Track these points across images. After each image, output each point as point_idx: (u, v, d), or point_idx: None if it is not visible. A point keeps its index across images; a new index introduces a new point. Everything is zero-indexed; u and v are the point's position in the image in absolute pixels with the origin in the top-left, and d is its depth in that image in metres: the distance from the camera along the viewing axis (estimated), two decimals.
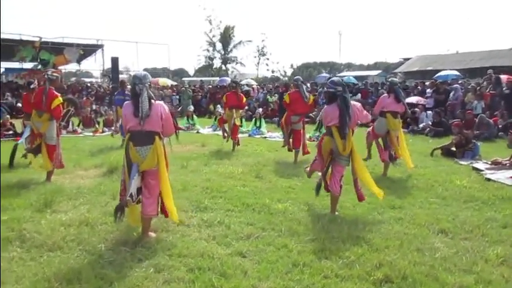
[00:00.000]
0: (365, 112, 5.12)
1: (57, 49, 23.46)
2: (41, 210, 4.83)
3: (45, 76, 6.57)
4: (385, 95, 7.22)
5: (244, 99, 10.25)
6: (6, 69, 25.70)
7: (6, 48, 21.59)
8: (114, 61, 23.17)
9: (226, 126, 10.06)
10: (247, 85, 23.00)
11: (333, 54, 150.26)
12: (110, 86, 22.08)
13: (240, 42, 42.30)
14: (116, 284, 3.18)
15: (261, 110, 15.77)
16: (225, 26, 41.51)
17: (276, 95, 17.17)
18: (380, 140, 7.15)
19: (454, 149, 8.81)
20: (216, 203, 5.30)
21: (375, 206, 5.15)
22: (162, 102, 4.12)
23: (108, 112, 15.11)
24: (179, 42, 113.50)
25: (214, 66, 43.50)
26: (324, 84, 5.24)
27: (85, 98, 20.20)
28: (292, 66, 53.29)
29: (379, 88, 17.28)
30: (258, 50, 42.82)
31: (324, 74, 38.43)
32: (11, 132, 11.76)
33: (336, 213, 4.90)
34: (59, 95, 6.57)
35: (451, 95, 14.40)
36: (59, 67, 25.24)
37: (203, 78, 34.54)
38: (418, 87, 16.68)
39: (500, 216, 4.87)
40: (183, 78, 42.37)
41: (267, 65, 43.50)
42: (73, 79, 32.16)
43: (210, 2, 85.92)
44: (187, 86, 23.52)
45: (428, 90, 15.46)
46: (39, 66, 21.03)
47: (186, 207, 5.02)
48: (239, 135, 10.24)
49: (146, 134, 3.96)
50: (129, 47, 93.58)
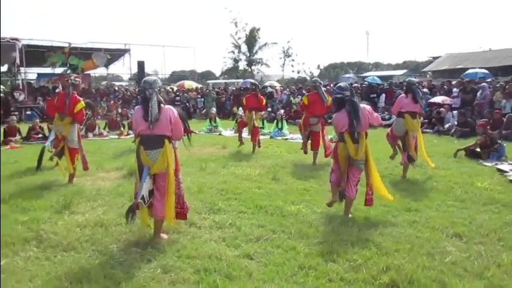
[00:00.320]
0: (376, 114, 5.07)
1: (85, 54, 24.21)
2: (59, 212, 5.01)
3: (69, 81, 6.80)
4: (403, 95, 7.07)
5: (264, 101, 10.29)
6: (39, 74, 26.66)
7: (37, 54, 22.50)
8: (141, 65, 23.75)
9: (247, 129, 10.14)
10: (270, 86, 22.94)
11: (360, 54, 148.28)
12: (137, 89, 22.54)
13: (265, 44, 42.31)
14: (124, 284, 3.27)
15: (282, 111, 15.74)
16: (251, 28, 41.64)
17: (299, 96, 17.10)
18: (399, 142, 7.05)
19: (478, 150, 8.56)
20: (229, 205, 5.34)
21: (389, 209, 5.06)
22: (171, 107, 4.20)
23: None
24: (206, 44, 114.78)
25: (240, 68, 43.66)
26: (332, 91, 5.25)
27: (112, 102, 20.70)
28: (318, 66, 53.01)
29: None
30: (284, 52, 42.78)
31: (348, 75, 37.96)
32: (40, 135, 12.21)
33: (350, 215, 4.86)
34: (81, 99, 6.80)
35: (479, 94, 13.98)
36: (88, 71, 26.07)
37: (227, 81, 34.73)
38: (445, 87, 16.21)
39: None
40: (208, 81, 42.75)
41: (292, 66, 43.41)
42: (104, 83, 32.97)
43: (236, 4, 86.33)
44: (211, 88, 23.68)
45: (454, 90, 15.02)
46: (69, 71, 21.66)
47: (199, 209, 5.09)
48: (260, 137, 10.30)
49: (156, 137, 4.05)
50: (156, 51, 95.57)
